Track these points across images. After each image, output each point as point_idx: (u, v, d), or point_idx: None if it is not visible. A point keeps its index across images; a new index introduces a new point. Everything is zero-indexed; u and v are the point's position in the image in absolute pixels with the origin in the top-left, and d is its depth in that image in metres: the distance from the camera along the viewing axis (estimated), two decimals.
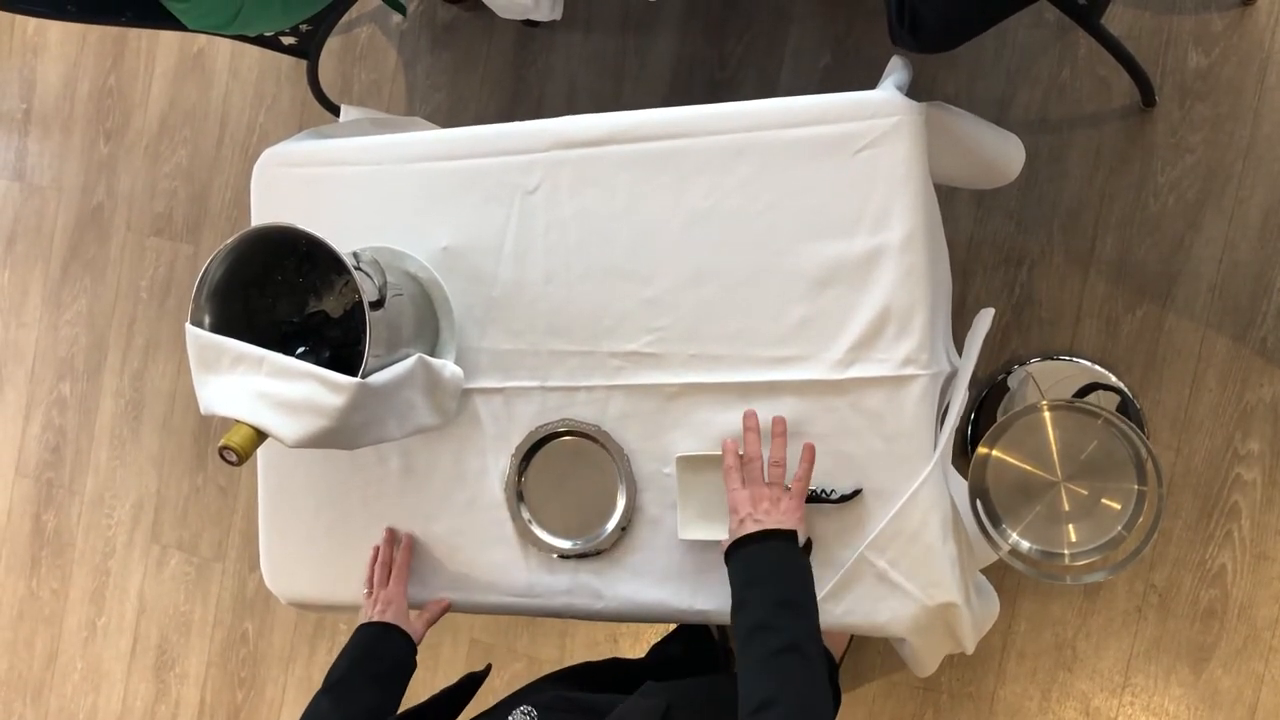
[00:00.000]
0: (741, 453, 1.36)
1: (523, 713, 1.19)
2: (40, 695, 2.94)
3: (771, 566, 1.24)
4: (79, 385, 2.90)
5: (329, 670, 1.43)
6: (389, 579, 1.57)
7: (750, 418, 1.39)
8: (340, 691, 1.39)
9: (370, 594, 1.57)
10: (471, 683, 1.43)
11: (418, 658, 1.51)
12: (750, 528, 1.27)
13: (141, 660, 2.83)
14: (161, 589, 2.80)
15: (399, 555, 1.59)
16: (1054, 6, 1.66)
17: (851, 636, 2.08)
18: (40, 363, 2.95)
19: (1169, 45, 1.98)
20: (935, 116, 1.41)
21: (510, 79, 2.44)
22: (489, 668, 1.50)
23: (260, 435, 1.36)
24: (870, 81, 1.54)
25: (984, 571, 1.62)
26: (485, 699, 1.38)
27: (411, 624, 1.53)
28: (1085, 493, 1.39)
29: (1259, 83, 1.93)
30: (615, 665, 1.69)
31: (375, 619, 1.51)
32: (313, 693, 1.40)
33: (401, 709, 1.38)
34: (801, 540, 1.27)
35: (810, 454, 1.35)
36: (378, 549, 1.61)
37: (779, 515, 1.27)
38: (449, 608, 1.59)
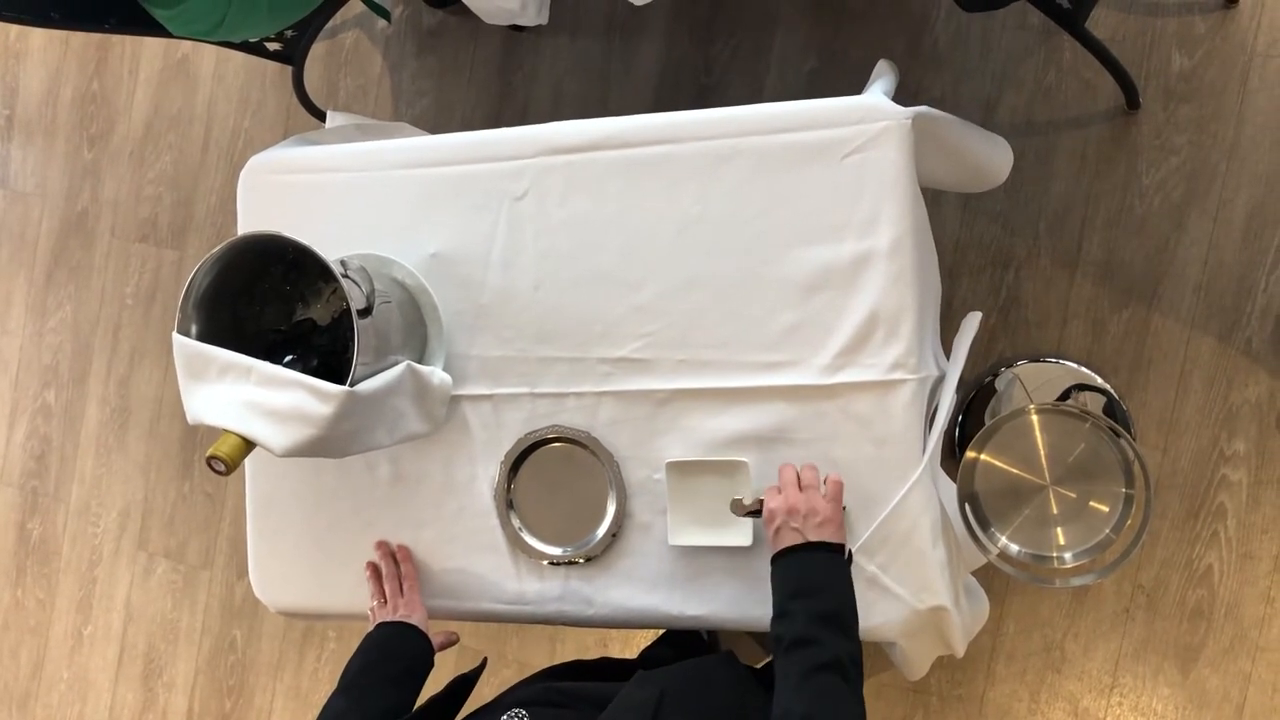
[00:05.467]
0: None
1: (513, 715, 1.18)
2: (26, 705, 2.92)
3: (817, 579, 1.23)
4: (64, 393, 2.88)
5: (344, 669, 1.42)
6: (401, 590, 1.57)
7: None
8: (357, 692, 1.38)
9: (385, 604, 1.56)
10: (463, 685, 1.43)
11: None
12: (788, 538, 1.26)
13: (129, 669, 2.81)
14: (149, 597, 2.78)
15: (404, 567, 1.59)
16: (1038, 10, 1.67)
17: None
18: (24, 370, 2.93)
19: (1153, 48, 1.99)
20: (923, 121, 1.41)
21: (496, 84, 2.44)
22: (484, 663, 1.49)
23: (249, 444, 1.35)
24: (856, 86, 1.54)
25: (972, 573, 1.62)
26: (476, 703, 1.37)
27: (431, 634, 1.52)
28: (1074, 496, 1.40)
29: (1242, 84, 1.94)
30: (607, 664, 1.68)
31: (396, 619, 1.51)
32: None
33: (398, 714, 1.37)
34: (845, 552, 1.27)
35: (837, 479, 1.33)
36: (374, 565, 1.60)
37: (816, 524, 1.26)
38: (458, 640, 1.59)
